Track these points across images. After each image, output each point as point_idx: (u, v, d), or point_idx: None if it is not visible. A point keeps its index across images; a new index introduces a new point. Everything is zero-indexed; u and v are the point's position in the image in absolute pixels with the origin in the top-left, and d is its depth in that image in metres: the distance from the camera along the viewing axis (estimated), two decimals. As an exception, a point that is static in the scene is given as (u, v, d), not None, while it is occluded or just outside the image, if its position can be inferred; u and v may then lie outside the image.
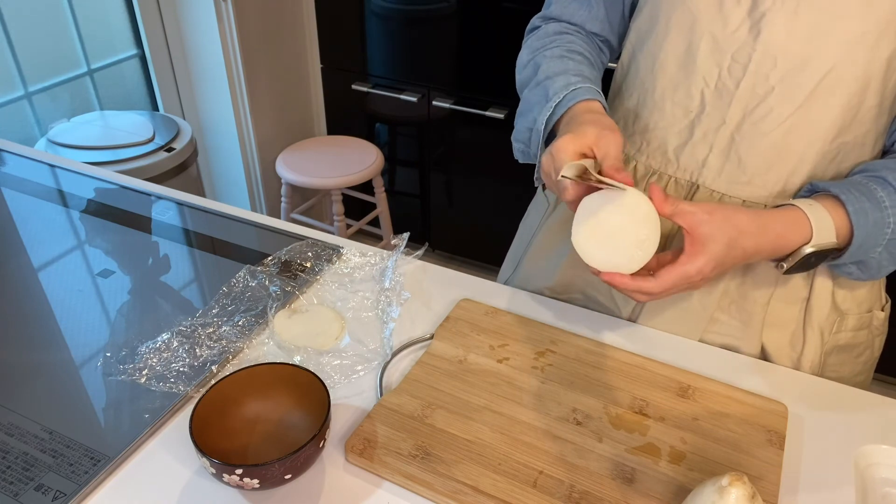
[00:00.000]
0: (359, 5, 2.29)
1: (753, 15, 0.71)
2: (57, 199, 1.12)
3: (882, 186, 0.69)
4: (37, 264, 0.97)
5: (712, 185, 0.80)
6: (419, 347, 0.83)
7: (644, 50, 0.82)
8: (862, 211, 0.68)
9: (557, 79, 0.80)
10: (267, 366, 0.70)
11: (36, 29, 1.96)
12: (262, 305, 0.88)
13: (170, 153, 1.91)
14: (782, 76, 0.72)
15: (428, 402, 0.74)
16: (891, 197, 0.69)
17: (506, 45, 2.10)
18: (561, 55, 0.84)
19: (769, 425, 0.72)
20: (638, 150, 0.85)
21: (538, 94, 0.82)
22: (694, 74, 0.77)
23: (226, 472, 0.60)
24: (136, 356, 0.80)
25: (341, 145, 2.36)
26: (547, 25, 0.91)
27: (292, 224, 1.07)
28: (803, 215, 0.69)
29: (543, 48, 0.87)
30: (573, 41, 0.87)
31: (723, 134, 0.77)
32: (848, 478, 0.68)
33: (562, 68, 0.82)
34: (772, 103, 0.73)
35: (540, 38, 0.89)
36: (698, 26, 0.75)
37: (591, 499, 0.64)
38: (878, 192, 0.69)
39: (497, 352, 0.81)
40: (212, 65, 2.24)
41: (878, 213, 0.68)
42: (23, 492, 0.64)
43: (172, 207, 1.10)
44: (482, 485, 0.65)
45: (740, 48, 0.73)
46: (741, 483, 0.54)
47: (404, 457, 0.68)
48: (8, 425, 0.71)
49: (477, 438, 0.70)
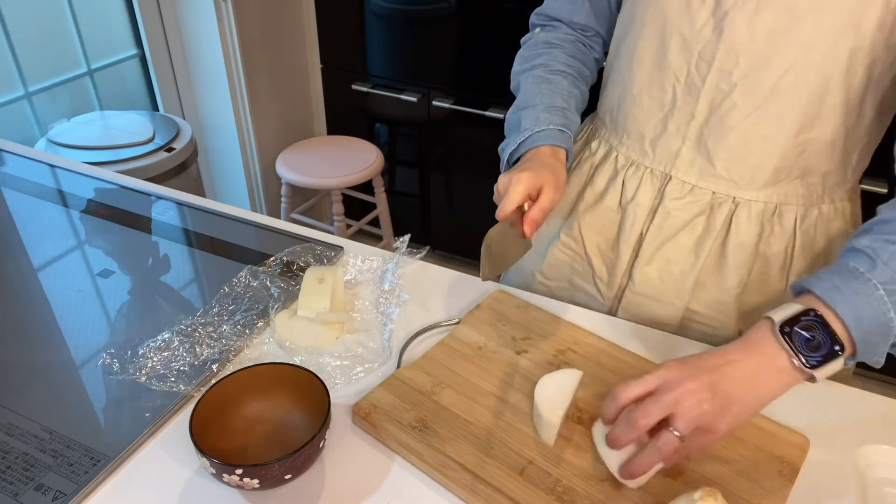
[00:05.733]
0: (359, 5, 2.29)
1: (717, 14, 0.75)
2: (57, 199, 1.12)
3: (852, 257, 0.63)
4: (37, 264, 0.97)
5: (684, 176, 0.84)
6: (442, 331, 0.85)
7: (624, 45, 0.86)
8: (833, 288, 0.61)
9: (529, 113, 0.86)
10: (267, 366, 0.70)
11: (36, 29, 1.96)
12: (262, 305, 0.88)
13: (170, 153, 1.91)
14: (745, 73, 0.75)
15: (439, 380, 0.77)
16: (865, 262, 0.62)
17: (506, 44, 2.08)
18: (541, 78, 0.90)
19: (784, 456, 0.68)
20: (619, 142, 0.90)
21: (514, 123, 0.89)
22: (666, 70, 0.81)
23: (226, 472, 0.60)
24: (137, 355, 0.80)
25: (341, 145, 2.36)
26: (537, 34, 0.96)
27: (292, 224, 1.07)
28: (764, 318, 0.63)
29: (528, 68, 0.93)
30: (556, 57, 0.92)
31: (693, 128, 0.81)
32: (848, 478, 0.68)
33: (536, 100, 0.87)
34: (735, 99, 0.77)
35: (529, 48, 0.95)
36: (668, 24, 0.79)
37: (573, 495, 0.64)
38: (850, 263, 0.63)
39: (518, 344, 0.83)
40: (212, 65, 2.24)
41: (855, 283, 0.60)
42: (23, 492, 0.64)
43: (172, 207, 1.10)
44: (470, 464, 0.67)
45: (705, 46, 0.77)
46: (713, 499, 0.54)
47: (404, 426, 0.70)
48: (8, 425, 0.71)
49: (476, 420, 0.72)
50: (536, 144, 0.84)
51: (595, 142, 0.95)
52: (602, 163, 0.93)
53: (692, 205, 0.85)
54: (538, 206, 0.76)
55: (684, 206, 0.85)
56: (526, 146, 0.85)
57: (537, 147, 0.83)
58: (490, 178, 2.05)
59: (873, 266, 0.61)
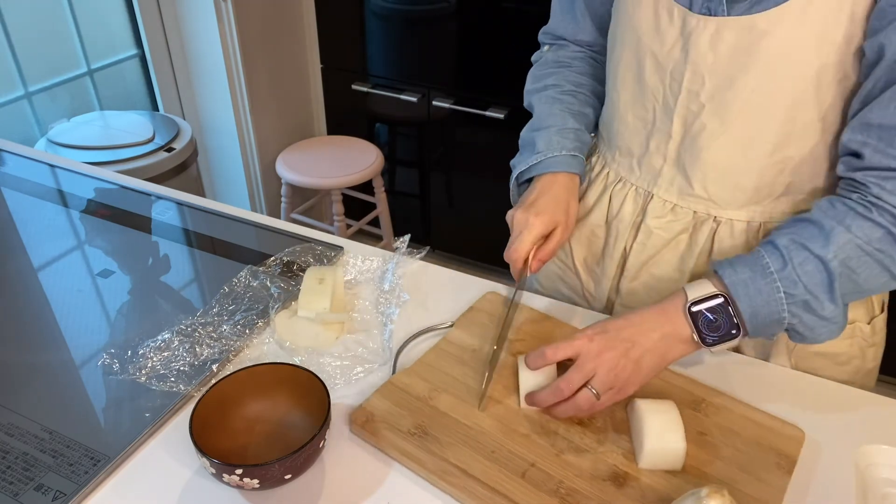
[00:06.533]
0: (359, 5, 2.29)
1: (683, 33, 0.74)
2: (57, 199, 1.12)
3: (769, 252, 0.68)
4: (37, 264, 0.97)
5: (665, 195, 0.84)
6: (437, 334, 0.85)
7: (611, 63, 0.86)
8: (741, 282, 0.68)
9: (542, 134, 0.88)
10: (267, 366, 0.70)
11: (36, 29, 1.96)
12: (262, 305, 0.88)
13: (170, 153, 1.91)
14: (711, 94, 0.74)
15: (436, 385, 0.76)
16: (777, 262, 0.67)
17: (506, 44, 2.09)
18: (553, 99, 0.92)
19: (781, 448, 0.69)
20: (612, 158, 0.90)
21: (528, 147, 0.90)
22: (646, 90, 0.81)
23: (226, 472, 0.60)
24: (137, 355, 0.80)
25: (341, 145, 2.36)
26: (547, 53, 0.97)
27: (292, 224, 1.07)
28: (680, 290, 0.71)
29: (540, 88, 0.94)
30: (567, 77, 0.93)
31: (671, 147, 0.81)
32: (848, 478, 0.68)
33: (549, 121, 0.89)
34: (704, 120, 0.76)
35: (540, 67, 0.96)
36: (642, 45, 0.79)
37: (577, 497, 0.64)
38: (765, 258, 0.68)
39: (513, 345, 0.82)
40: (212, 65, 2.24)
41: (761, 280, 0.67)
42: (23, 492, 0.64)
43: (172, 207, 1.10)
44: (472, 469, 0.66)
45: (675, 66, 0.76)
46: (720, 496, 0.54)
47: (402, 433, 0.70)
48: (8, 425, 0.71)
49: (475, 424, 0.71)
50: (550, 170, 0.85)
51: (594, 157, 0.95)
52: (595, 178, 0.93)
53: (674, 223, 0.84)
54: (548, 249, 0.82)
55: (666, 225, 0.85)
56: (539, 169, 0.86)
57: (553, 174, 0.84)
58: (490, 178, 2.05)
59: (783, 268, 0.67)
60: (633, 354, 0.69)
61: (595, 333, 0.70)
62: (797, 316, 0.67)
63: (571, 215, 0.85)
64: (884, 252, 0.66)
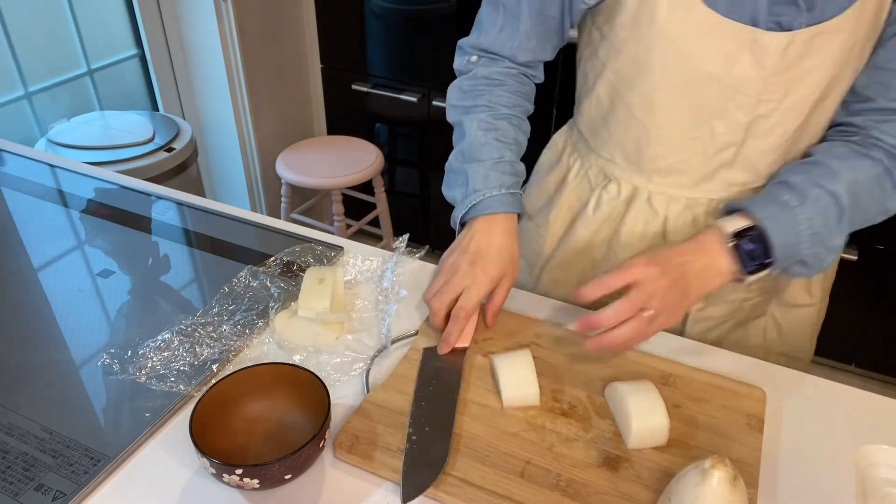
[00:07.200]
0: (359, 5, 2.29)
1: (754, 52, 0.74)
2: (57, 199, 1.12)
3: (786, 190, 0.75)
4: (37, 264, 0.97)
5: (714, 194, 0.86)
6: (405, 343, 0.83)
7: (634, 91, 0.82)
8: (771, 216, 0.73)
9: (478, 169, 0.86)
10: (267, 366, 0.70)
11: (36, 29, 1.96)
12: (262, 305, 0.88)
13: (170, 153, 1.91)
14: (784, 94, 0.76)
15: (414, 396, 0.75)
16: (795, 199, 0.74)
17: (506, 45, 2.09)
18: (487, 125, 0.88)
19: (748, 409, 0.73)
20: (649, 180, 0.88)
21: (460, 179, 0.89)
22: (700, 110, 0.79)
23: (226, 472, 0.60)
24: (137, 355, 0.80)
25: (341, 145, 2.36)
26: (476, 66, 0.92)
27: (292, 224, 1.07)
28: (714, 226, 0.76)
29: (470, 108, 0.90)
30: (500, 97, 0.89)
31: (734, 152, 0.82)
32: (848, 478, 0.68)
33: (484, 153, 0.87)
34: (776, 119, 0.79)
35: (469, 82, 0.92)
36: (694, 68, 0.76)
37: (577, 486, 0.65)
38: (783, 195, 0.75)
39: (481, 345, 0.82)
40: (212, 65, 2.24)
41: (786, 214, 0.74)
42: (23, 492, 0.64)
43: (172, 207, 1.10)
44: (470, 476, 0.66)
45: (742, 82, 0.76)
46: (723, 466, 0.56)
47: (392, 451, 0.68)
48: (8, 425, 0.71)
49: (463, 431, 0.71)
50: (489, 211, 0.84)
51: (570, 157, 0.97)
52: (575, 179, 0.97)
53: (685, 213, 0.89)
54: (498, 301, 0.83)
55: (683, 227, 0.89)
56: (477, 211, 0.85)
57: (492, 215, 0.84)
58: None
59: (802, 203, 0.73)
60: (683, 283, 0.72)
61: (649, 260, 0.72)
62: (814, 247, 0.74)
63: (515, 261, 0.84)
64: (882, 188, 0.75)
